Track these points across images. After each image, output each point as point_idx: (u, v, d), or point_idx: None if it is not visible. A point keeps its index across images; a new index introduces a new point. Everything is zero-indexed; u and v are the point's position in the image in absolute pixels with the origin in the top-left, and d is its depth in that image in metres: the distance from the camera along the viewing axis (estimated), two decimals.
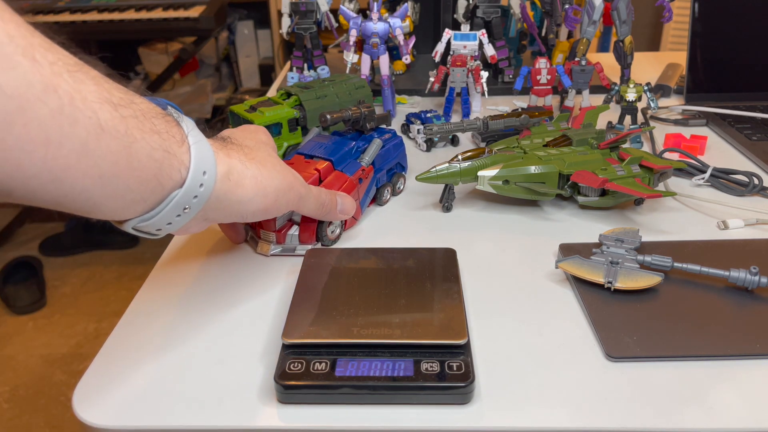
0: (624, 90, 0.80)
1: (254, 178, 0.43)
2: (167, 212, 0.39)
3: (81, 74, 0.33)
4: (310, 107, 0.73)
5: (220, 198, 0.41)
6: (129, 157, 0.35)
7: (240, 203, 0.43)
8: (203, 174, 0.39)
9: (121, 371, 0.43)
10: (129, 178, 0.35)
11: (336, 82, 0.78)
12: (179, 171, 0.38)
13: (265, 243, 0.56)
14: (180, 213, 0.39)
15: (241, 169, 0.43)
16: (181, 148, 0.38)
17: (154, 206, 0.39)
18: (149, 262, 2.17)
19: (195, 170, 0.39)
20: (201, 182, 0.39)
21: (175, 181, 0.38)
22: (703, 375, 0.42)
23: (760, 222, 0.60)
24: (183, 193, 0.38)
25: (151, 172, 0.36)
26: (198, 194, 0.39)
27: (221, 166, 0.41)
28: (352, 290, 0.47)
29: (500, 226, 0.61)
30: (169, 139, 0.38)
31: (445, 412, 0.39)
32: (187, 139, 0.39)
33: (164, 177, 0.37)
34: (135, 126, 0.35)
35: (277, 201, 0.46)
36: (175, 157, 0.38)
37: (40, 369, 1.71)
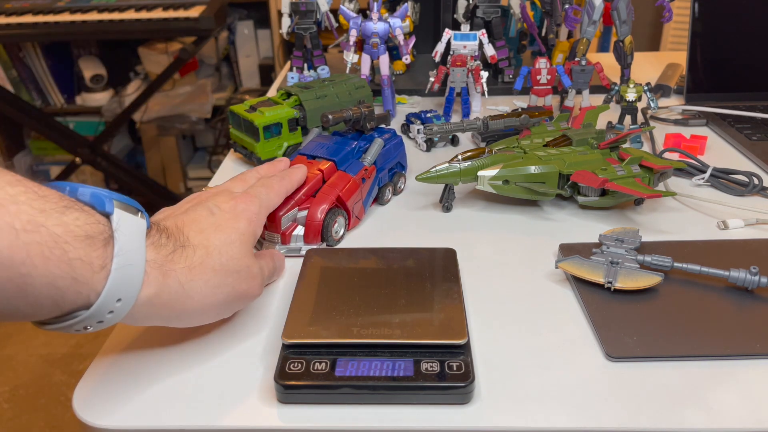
0: (624, 90, 0.80)
1: (190, 299, 0.40)
2: (66, 327, 0.36)
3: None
4: (310, 107, 0.73)
5: (135, 317, 0.38)
6: (23, 285, 0.32)
7: (166, 319, 0.40)
8: (117, 301, 0.36)
9: (121, 371, 0.43)
10: (19, 302, 0.33)
11: (336, 82, 0.78)
12: (87, 297, 0.35)
13: (270, 244, 0.57)
14: (80, 330, 0.36)
15: (176, 291, 0.39)
16: (97, 275, 0.35)
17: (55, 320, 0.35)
18: None
19: (107, 298, 0.35)
20: (111, 309, 0.36)
21: (78, 305, 0.35)
22: (703, 375, 0.42)
23: (760, 222, 0.60)
24: (87, 316, 0.35)
25: (50, 299, 0.34)
26: (104, 320, 0.36)
27: (148, 289, 0.37)
28: (352, 290, 0.47)
29: (500, 226, 0.61)
30: (81, 267, 0.34)
31: (445, 412, 0.39)
32: (111, 263, 0.35)
33: (66, 302, 0.34)
34: (38, 253, 0.32)
35: (219, 313, 0.43)
36: (84, 285, 0.34)
37: (40, 369, 1.71)
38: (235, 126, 0.76)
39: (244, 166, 0.76)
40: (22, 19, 1.80)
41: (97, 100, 2.31)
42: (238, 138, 0.75)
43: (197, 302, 0.40)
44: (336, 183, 0.58)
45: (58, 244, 0.33)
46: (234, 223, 0.44)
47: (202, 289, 0.40)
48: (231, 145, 0.78)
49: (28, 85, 2.29)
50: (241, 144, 0.75)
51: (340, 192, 0.58)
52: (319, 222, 0.56)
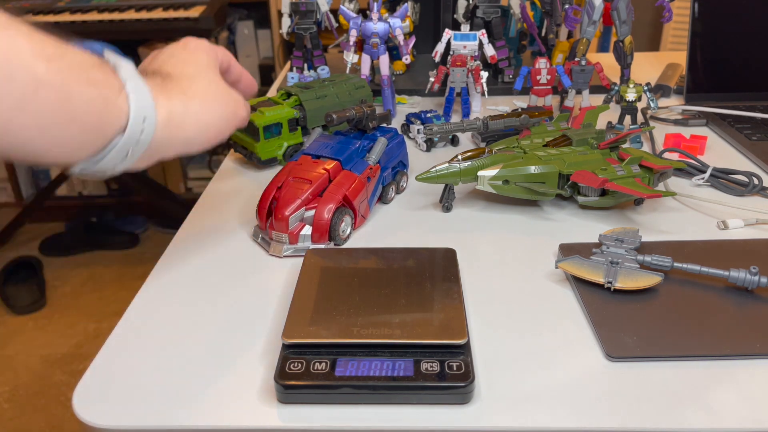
0: (624, 90, 0.80)
1: (196, 115, 0.45)
2: (111, 157, 0.40)
3: (13, 31, 0.34)
4: (310, 107, 0.73)
5: (160, 141, 0.42)
6: (67, 109, 0.36)
7: (184, 143, 0.45)
8: (143, 120, 0.40)
9: (121, 371, 0.43)
10: (70, 128, 0.37)
11: (336, 82, 0.78)
12: (119, 119, 0.39)
13: (278, 244, 0.57)
14: (123, 157, 0.41)
15: (182, 111, 0.44)
16: (119, 97, 0.39)
17: (98, 152, 0.40)
18: (149, 262, 2.16)
19: (135, 118, 0.40)
20: (141, 129, 0.40)
21: (116, 128, 0.39)
22: (703, 375, 0.42)
23: (760, 222, 0.60)
24: (125, 140, 0.40)
25: (92, 122, 0.38)
26: (139, 140, 0.41)
27: (161, 111, 0.42)
28: (352, 290, 0.47)
29: (500, 226, 0.61)
30: (106, 89, 0.39)
31: (445, 412, 0.39)
32: (125, 87, 0.40)
33: (105, 125, 0.39)
34: (71, 78, 0.36)
35: (221, 131, 0.48)
36: (114, 105, 0.39)
37: (40, 369, 1.71)
38: None
39: (245, 166, 0.76)
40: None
41: None
42: (238, 138, 0.75)
43: (201, 121, 0.45)
44: (342, 182, 0.58)
45: (83, 69, 0.37)
46: (195, 56, 0.49)
47: (200, 108, 0.45)
48: (231, 145, 0.78)
49: None
50: (241, 144, 0.75)
51: (347, 191, 0.58)
52: (327, 221, 0.56)
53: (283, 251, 0.56)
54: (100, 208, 2.48)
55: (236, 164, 0.77)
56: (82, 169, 0.41)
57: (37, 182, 2.49)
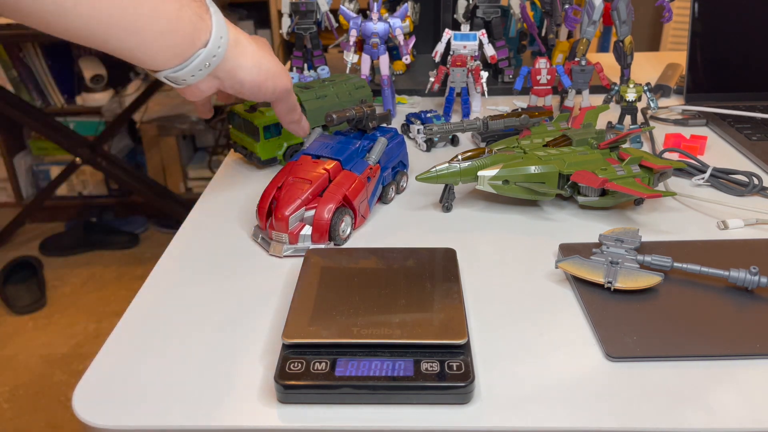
0: (624, 90, 0.80)
1: (254, 53, 0.55)
2: (193, 66, 0.51)
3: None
4: (311, 107, 0.73)
5: (229, 60, 0.53)
6: (179, 19, 0.48)
7: (242, 69, 0.54)
8: (221, 38, 0.51)
9: (121, 371, 0.43)
10: (177, 35, 0.48)
11: (336, 82, 0.78)
12: (206, 33, 0.50)
13: (278, 244, 0.57)
14: (202, 68, 0.51)
15: (245, 43, 0.55)
16: (206, 15, 0.50)
17: (185, 60, 0.50)
18: (149, 262, 2.16)
19: (216, 34, 0.51)
20: (219, 45, 0.51)
21: (203, 41, 0.50)
22: (703, 375, 0.42)
23: (760, 222, 0.60)
24: (207, 52, 0.50)
25: (189, 32, 0.49)
26: (216, 54, 0.51)
27: (232, 34, 0.53)
28: (352, 290, 0.47)
29: (500, 226, 0.61)
30: (201, 8, 0.50)
31: (445, 412, 0.39)
32: (209, 9, 0.51)
33: (197, 37, 0.50)
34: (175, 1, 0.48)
35: (268, 80, 0.57)
36: (204, 22, 0.50)
37: (40, 369, 1.71)
38: (236, 126, 0.76)
39: (245, 166, 0.77)
40: None
41: (98, 100, 2.31)
42: (238, 138, 0.75)
43: (256, 58, 0.56)
44: (342, 182, 0.58)
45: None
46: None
47: (257, 51, 0.56)
48: (231, 145, 0.78)
49: (29, 85, 2.29)
50: (241, 144, 0.75)
51: (347, 191, 0.58)
52: (327, 221, 0.56)
53: (283, 251, 0.56)
54: (100, 208, 2.48)
55: (236, 164, 0.77)
56: (167, 74, 0.51)
57: (37, 182, 2.49)
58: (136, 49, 0.48)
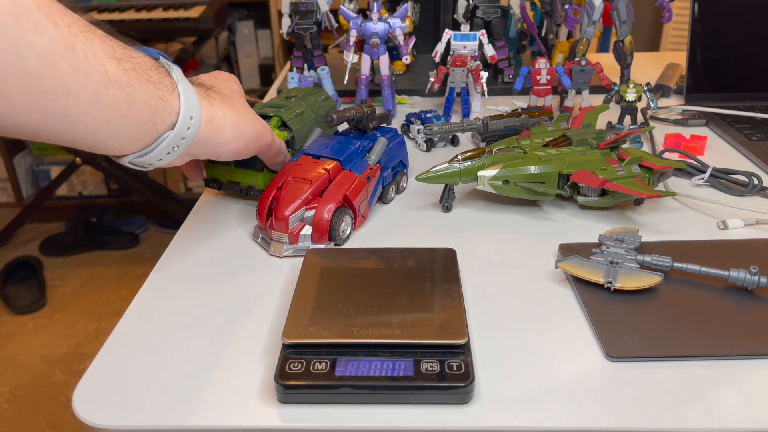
0: (624, 90, 0.80)
1: (232, 124, 0.51)
2: (159, 150, 0.46)
3: (90, 34, 0.40)
4: (296, 126, 0.67)
5: (203, 139, 0.48)
6: (130, 104, 0.42)
7: (218, 145, 0.50)
8: (190, 119, 0.46)
9: (121, 371, 0.43)
10: (130, 121, 0.43)
11: (300, 97, 0.71)
12: (170, 115, 0.45)
13: (278, 244, 0.57)
14: (170, 151, 0.47)
15: (221, 116, 0.50)
16: (171, 96, 0.45)
17: (149, 144, 0.46)
18: (149, 262, 2.16)
19: (184, 115, 0.46)
20: (188, 126, 0.46)
21: (167, 124, 0.45)
22: (703, 375, 0.42)
23: (759, 222, 0.60)
24: (173, 135, 0.46)
25: (148, 116, 0.44)
26: (185, 136, 0.47)
27: (205, 112, 0.48)
28: (352, 290, 0.47)
29: (500, 226, 0.61)
30: (162, 88, 0.44)
31: (445, 412, 0.39)
32: (177, 87, 0.46)
33: (158, 120, 0.45)
34: (135, 77, 0.42)
35: (248, 146, 0.53)
36: (167, 103, 0.45)
37: (40, 369, 1.71)
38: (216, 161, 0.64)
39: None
40: None
41: None
42: (221, 173, 0.66)
43: (235, 129, 0.51)
44: (342, 182, 0.58)
45: (144, 70, 0.43)
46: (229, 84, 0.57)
47: (236, 119, 0.51)
48: (207, 183, 0.68)
49: None
50: (227, 180, 0.66)
51: (347, 191, 0.58)
52: (327, 221, 0.56)
53: (283, 251, 0.56)
54: (100, 208, 2.48)
55: None
56: (131, 160, 0.46)
57: (37, 182, 2.49)
58: (83, 138, 0.42)
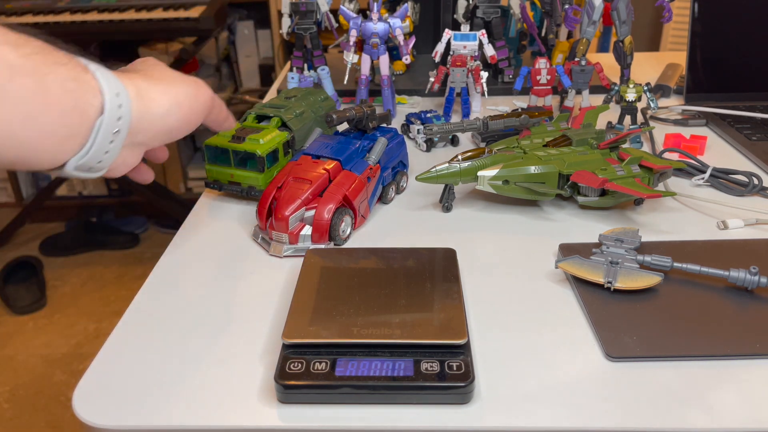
0: (624, 90, 0.80)
1: (163, 92, 0.45)
2: (100, 141, 0.40)
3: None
4: (296, 126, 0.67)
5: (141, 116, 0.42)
6: (45, 92, 0.36)
7: (161, 118, 0.44)
8: (117, 95, 0.40)
9: (121, 371, 0.43)
10: (52, 113, 0.37)
11: (300, 97, 0.72)
12: (95, 96, 0.39)
13: (278, 244, 0.57)
14: (112, 139, 0.41)
15: (147, 87, 0.44)
16: (87, 75, 0.39)
17: (85, 139, 0.39)
18: (149, 262, 2.16)
19: (109, 93, 0.39)
20: (119, 103, 0.40)
21: (95, 107, 0.39)
22: (703, 375, 0.42)
23: (759, 222, 0.60)
24: (107, 118, 0.40)
25: (70, 103, 0.38)
26: (121, 115, 0.40)
27: (129, 87, 0.42)
28: (352, 290, 0.47)
29: (500, 226, 0.61)
30: (75, 68, 0.38)
31: (445, 412, 0.39)
32: (88, 66, 0.40)
33: (84, 104, 0.38)
34: (40, 62, 0.36)
35: (192, 108, 0.47)
36: (86, 83, 0.39)
37: (40, 369, 1.71)
38: (218, 162, 0.66)
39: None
40: (23, 19, 1.80)
41: None
42: (222, 174, 0.66)
43: (170, 96, 0.45)
44: (342, 182, 0.58)
45: (48, 52, 0.37)
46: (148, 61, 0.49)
47: (165, 87, 0.45)
48: (207, 184, 0.68)
49: None
50: (228, 180, 0.66)
51: (347, 191, 0.58)
52: (327, 221, 0.56)
53: (283, 251, 0.56)
54: (100, 208, 2.48)
55: None
56: (76, 164, 0.40)
57: (37, 182, 2.49)
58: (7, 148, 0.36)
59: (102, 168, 0.42)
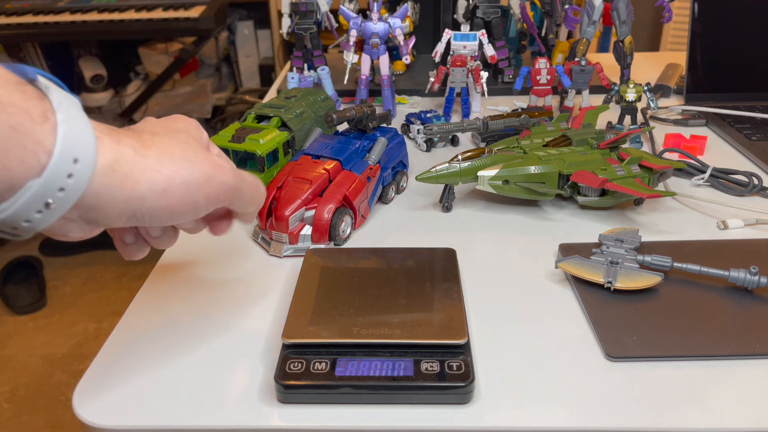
0: (624, 90, 0.80)
1: (151, 168, 0.34)
2: (21, 207, 0.31)
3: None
4: (296, 126, 0.67)
5: (101, 194, 0.33)
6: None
7: (130, 200, 0.34)
8: (74, 162, 0.31)
9: (121, 371, 0.43)
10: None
11: (300, 97, 0.72)
12: (35, 154, 0.30)
13: (278, 244, 0.57)
14: (41, 209, 0.31)
15: (133, 159, 0.34)
16: (39, 127, 0.30)
17: (2, 197, 0.31)
18: (149, 262, 2.15)
19: (60, 156, 0.31)
20: (70, 172, 0.31)
21: (28, 166, 0.30)
22: (703, 375, 0.42)
23: (759, 222, 0.60)
24: (42, 184, 0.30)
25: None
26: (66, 186, 0.31)
27: (105, 154, 0.33)
28: (352, 290, 0.47)
29: (500, 226, 0.61)
30: (19, 115, 0.30)
31: (445, 412, 0.39)
32: (53, 116, 0.31)
33: (11, 160, 0.30)
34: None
35: (189, 197, 0.36)
36: (27, 136, 0.30)
37: (40, 369, 1.71)
38: None
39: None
40: (23, 19, 1.80)
41: (98, 100, 2.31)
42: None
43: (159, 176, 0.35)
44: (342, 182, 0.58)
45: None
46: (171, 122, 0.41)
47: (158, 162, 0.35)
48: None
49: None
50: None
51: (347, 191, 0.58)
52: (327, 221, 0.56)
53: (283, 251, 0.56)
54: None
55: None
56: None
57: None
58: None
59: (18, 235, 0.33)
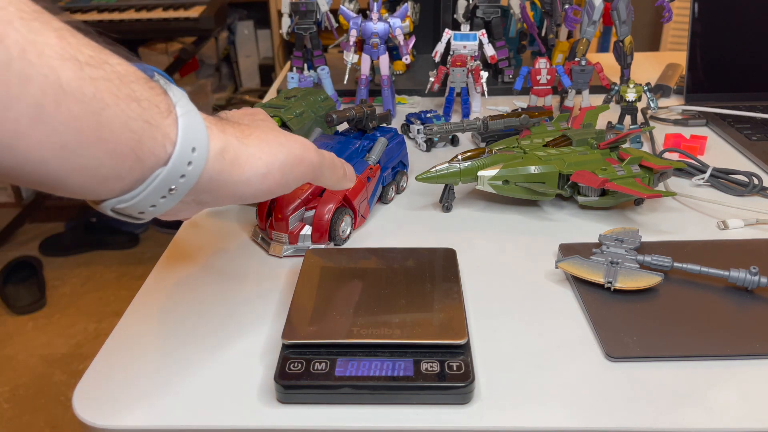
0: (624, 90, 0.80)
1: (254, 156, 0.38)
2: (150, 193, 0.34)
3: (38, 24, 0.28)
4: (296, 126, 0.68)
5: (213, 178, 0.36)
6: (98, 125, 0.30)
7: (237, 184, 0.38)
8: (192, 150, 0.34)
9: (121, 371, 0.43)
10: (99, 150, 0.30)
11: (300, 97, 0.72)
12: (163, 146, 0.33)
13: (278, 244, 0.57)
14: (165, 194, 0.35)
15: (238, 147, 0.37)
16: (166, 120, 0.33)
17: (133, 185, 0.33)
18: (149, 262, 2.16)
19: (182, 146, 0.34)
20: (189, 160, 0.34)
21: (158, 157, 0.33)
22: (703, 375, 0.42)
23: (760, 222, 0.60)
24: (168, 172, 0.33)
25: (128, 146, 0.31)
26: (186, 173, 0.34)
27: (215, 142, 0.36)
28: (352, 290, 0.47)
29: (500, 226, 0.61)
30: (150, 108, 0.32)
31: (445, 412, 0.39)
32: (174, 109, 0.34)
33: (144, 152, 0.32)
34: (106, 90, 0.30)
35: (285, 178, 0.41)
36: (158, 129, 0.33)
37: (40, 369, 1.71)
38: None
39: None
40: None
41: None
42: None
43: (260, 162, 0.38)
44: None
45: (123, 83, 0.31)
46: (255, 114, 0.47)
47: (259, 150, 0.39)
48: None
49: None
50: None
51: (347, 191, 0.58)
52: (327, 221, 0.56)
53: (283, 251, 0.56)
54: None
55: None
56: (113, 205, 0.34)
57: None
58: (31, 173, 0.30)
59: (142, 218, 0.36)
